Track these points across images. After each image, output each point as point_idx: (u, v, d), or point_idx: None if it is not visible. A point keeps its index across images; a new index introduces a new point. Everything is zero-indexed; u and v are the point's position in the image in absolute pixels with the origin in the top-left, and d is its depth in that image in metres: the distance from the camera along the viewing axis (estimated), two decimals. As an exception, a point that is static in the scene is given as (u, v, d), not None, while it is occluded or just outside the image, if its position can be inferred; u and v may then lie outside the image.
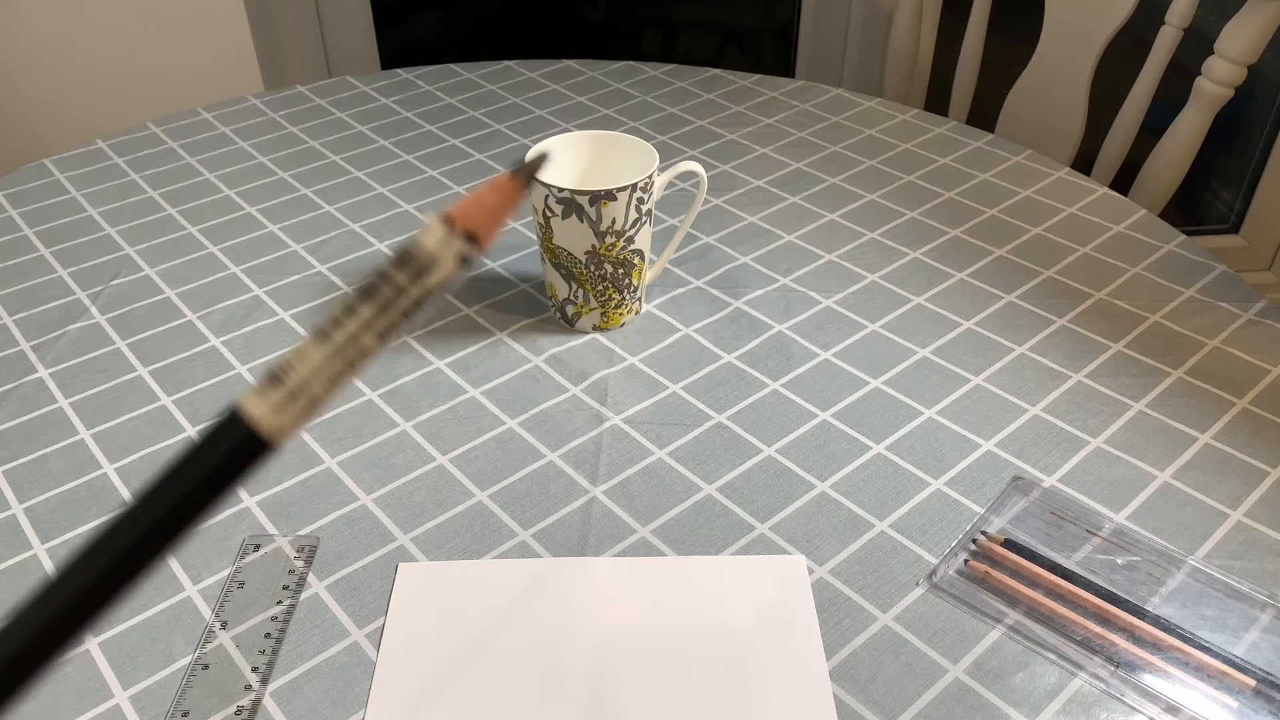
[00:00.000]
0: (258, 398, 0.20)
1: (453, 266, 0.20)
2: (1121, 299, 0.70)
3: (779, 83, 1.01)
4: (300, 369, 0.20)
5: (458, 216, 0.20)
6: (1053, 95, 1.09)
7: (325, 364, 0.20)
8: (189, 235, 0.78)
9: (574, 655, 0.47)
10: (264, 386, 0.20)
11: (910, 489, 0.55)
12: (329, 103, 0.98)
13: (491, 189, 0.21)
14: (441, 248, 0.20)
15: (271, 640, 0.48)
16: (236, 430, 0.20)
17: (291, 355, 0.20)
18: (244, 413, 0.20)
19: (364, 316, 0.20)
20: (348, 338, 0.20)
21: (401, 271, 0.20)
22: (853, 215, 0.80)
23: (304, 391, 0.20)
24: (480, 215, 0.20)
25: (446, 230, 0.20)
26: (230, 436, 0.20)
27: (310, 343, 0.20)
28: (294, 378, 0.20)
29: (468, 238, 0.20)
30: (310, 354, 0.20)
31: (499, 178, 0.21)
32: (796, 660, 0.46)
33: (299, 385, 0.20)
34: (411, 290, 0.20)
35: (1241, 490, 0.55)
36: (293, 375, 0.20)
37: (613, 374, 0.64)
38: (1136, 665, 0.46)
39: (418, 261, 0.20)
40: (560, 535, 0.53)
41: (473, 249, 0.20)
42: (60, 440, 0.59)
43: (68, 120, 1.44)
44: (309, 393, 0.20)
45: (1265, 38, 0.91)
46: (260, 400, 0.20)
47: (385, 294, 0.20)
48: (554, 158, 0.67)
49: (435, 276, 0.20)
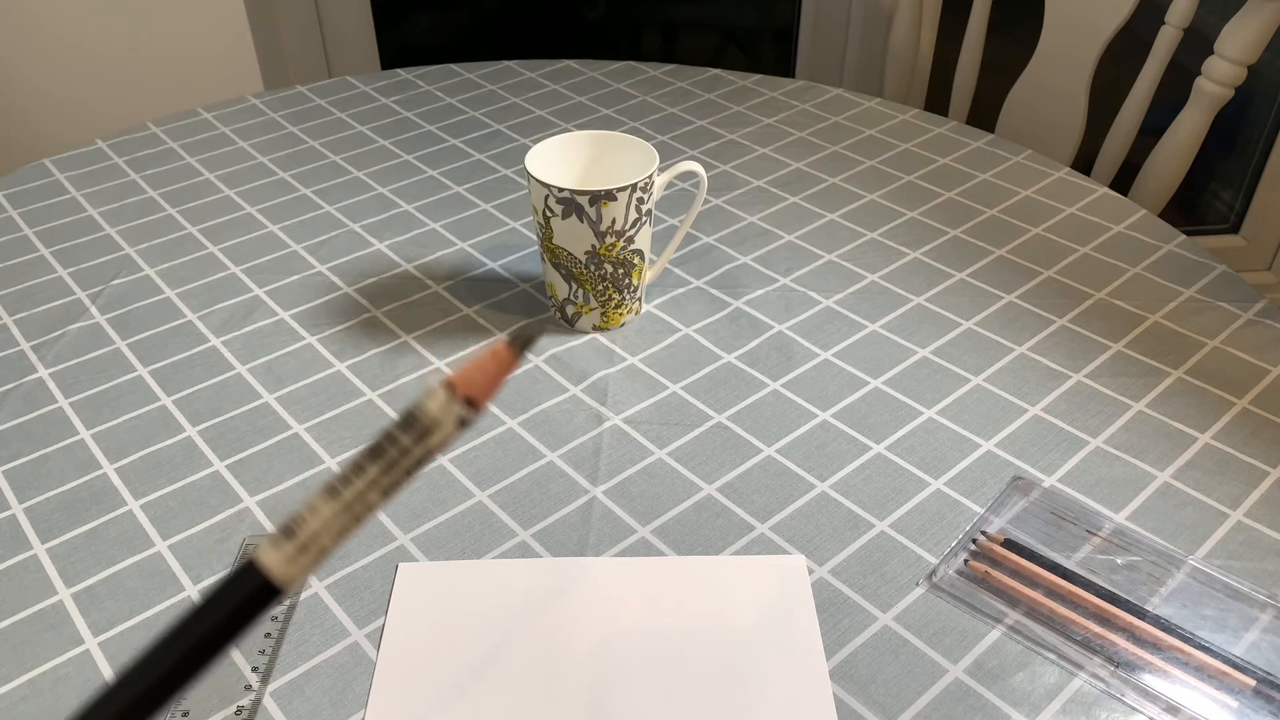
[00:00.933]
0: (272, 549, 0.22)
1: (452, 429, 0.22)
2: (1121, 299, 0.70)
3: (779, 83, 1.01)
4: (311, 523, 0.22)
5: (459, 384, 0.22)
6: (1053, 95, 1.09)
7: (334, 519, 0.22)
8: (189, 235, 0.78)
9: (574, 655, 0.47)
10: (277, 539, 0.22)
11: (910, 489, 0.55)
12: (329, 103, 0.98)
13: (490, 358, 0.23)
14: (443, 412, 0.22)
15: (271, 640, 0.48)
16: (253, 579, 0.22)
17: (303, 509, 0.23)
18: (259, 563, 0.22)
19: (371, 475, 0.22)
20: (355, 495, 0.22)
21: (406, 434, 0.22)
22: (853, 215, 0.80)
23: (314, 544, 0.22)
24: (479, 382, 0.22)
25: (448, 396, 0.22)
26: (247, 585, 0.22)
27: (320, 498, 0.22)
28: (305, 531, 0.22)
29: (466, 402, 0.22)
30: (321, 509, 0.22)
31: (497, 347, 0.23)
32: (796, 660, 0.46)
33: (310, 538, 0.22)
34: (415, 451, 0.22)
35: (1241, 490, 0.55)
36: (304, 529, 0.22)
37: (613, 374, 0.64)
38: (1136, 665, 0.46)
39: (421, 425, 0.22)
40: (560, 535, 0.53)
41: (471, 413, 0.22)
42: (60, 440, 0.59)
43: (68, 120, 1.44)
44: (319, 545, 0.22)
45: (1265, 38, 0.91)
46: (274, 551, 0.22)
47: (391, 454, 0.22)
48: (555, 160, 0.67)
49: (436, 438, 0.22)
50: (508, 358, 0.23)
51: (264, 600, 0.22)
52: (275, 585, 0.22)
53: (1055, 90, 1.09)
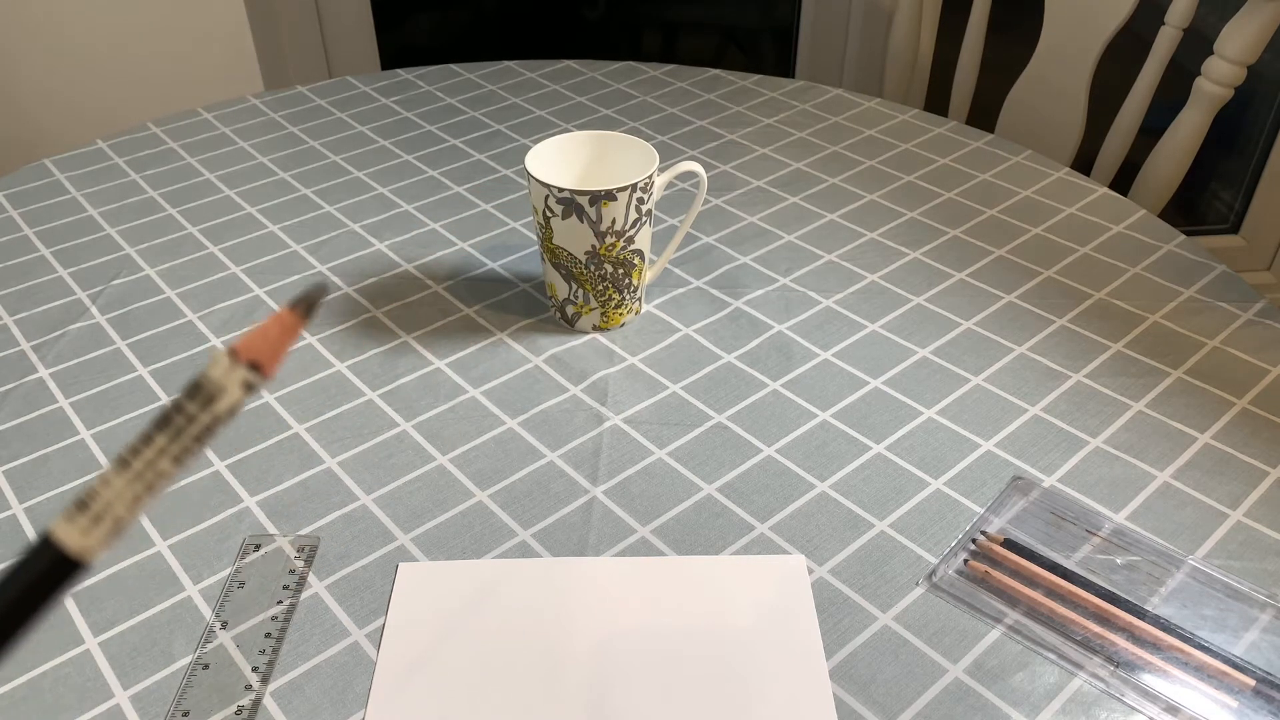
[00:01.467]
0: (66, 523, 0.23)
1: (239, 394, 0.23)
2: (1121, 299, 0.70)
3: (779, 83, 1.01)
4: (104, 495, 0.23)
5: (241, 349, 0.23)
6: (1053, 95, 1.09)
7: (126, 488, 0.23)
8: (189, 235, 0.78)
9: (574, 655, 0.47)
10: (71, 512, 0.23)
11: (910, 489, 0.55)
12: (329, 103, 0.98)
13: (273, 322, 0.23)
14: (227, 377, 0.23)
15: (272, 640, 0.48)
16: (48, 553, 0.22)
17: (96, 483, 0.23)
18: (54, 537, 0.23)
19: (159, 444, 0.23)
20: (145, 464, 0.23)
21: (192, 401, 0.23)
22: (853, 215, 0.80)
23: (108, 513, 0.23)
24: (263, 346, 0.23)
25: (231, 361, 0.23)
26: (42, 559, 0.22)
27: (112, 470, 0.23)
28: (98, 503, 0.23)
29: (251, 367, 0.23)
30: (113, 480, 0.23)
31: (281, 311, 0.23)
32: (796, 660, 0.46)
33: (103, 509, 0.23)
34: (201, 417, 0.23)
35: (1241, 490, 0.55)
36: (97, 501, 0.23)
37: (613, 374, 0.64)
38: (1136, 665, 0.46)
39: (206, 391, 0.23)
40: (560, 535, 0.53)
41: (257, 377, 0.23)
42: (60, 440, 0.59)
43: (68, 120, 1.44)
44: (113, 515, 0.23)
45: (1265, 38, 0.91)
46: (69, 525, 0.23)
47: (178, 422, 0.23)
48: (555, 160, 0.67)
49: (223, 403, 0.23)
50: (291, 321, 0.23)
51: (61, 575, 0.22)
52: (71, 558, 0.22)
53: (1055, 90, 1.09)
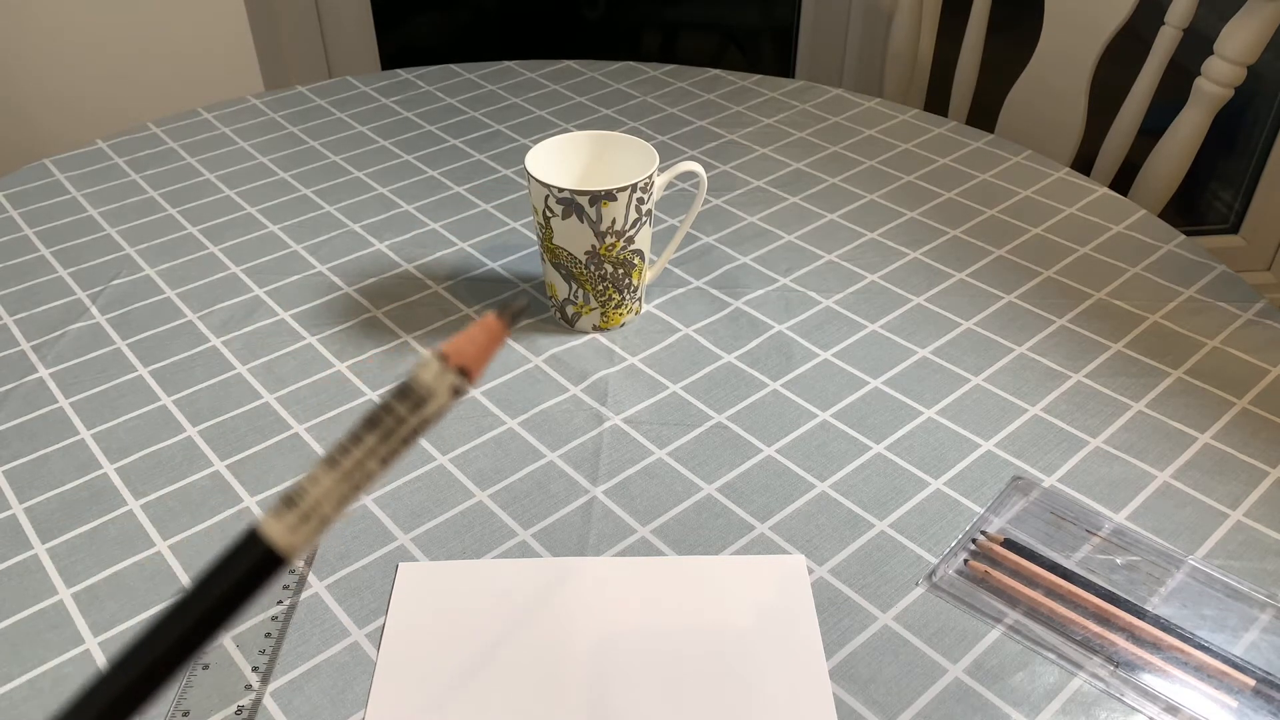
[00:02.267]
0: (274, 519, 0.23)
1: (447, 398, 0.23)
2: (1121, 299, 0.70)
3: (779, 83, 1.01)
4: (312, 493, 0.23)
5: (451, 354, 0.23)
6: (1053, 95, 1.09)
7: (334, 488, 0.23)
8: (189, 235, 0.78)
9: (574, 655, 0.47)
10: (279, 509, 0.23)
11: (910, 489, 0.55)
12: (329, 103, 0.98)
13: (481, 329, 0.23)
14: (437, 381, 0.23)
15: (271, 640, 0.48)
16: (256, 549, 0.23)
17: (305, 480, 0.23)
18: (262, 533, 0.23)
19: (369, 445, 0.23)
20: (354, 464, 0.23)
21: (403, 404, 0.23)
22: (853, 215, 0.80)
23: (315, 513, 0.23)
24: (471, 352, 0.23)
25: (441, 366, 0.23)
26: (250, 554, 0.23)
27: (321, 469, 0.23)
28: (306, 501, 0.23)
29: (460, 372, 0.23)
30: (321, 479, 0.23)
31: (487, 318, 0.24)
32: (796, 660, 0.46)
33: (311, 507, 0.23)
34: (410, 420, 0.23)
35: (1241, 490, 0.55)
36: (305, 499, 0.23)
37: (613, 374, 0.64)
38: (1136, 665, 0.46)
39: (416, 394, 0.23)
40: (560, 535, 0.53)
41: (464, 382, 0.23)
42: (60, 440, 0.59)
43: (68, 120, 1.44)
44: (320, 514, 0.23)
45: (1265, 38, 0.91)
46: (276, 522, 0.23)
47: (388, 424, 0.23)
48: (555, 160, 0.67)
49: (432, 407, 0.23)
50: (497, 328, 0.23)
51: (267, 570, 0.23)
52: (278, 554, 0.23)
53: (1055, 90, 1.09)
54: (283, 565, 0.23)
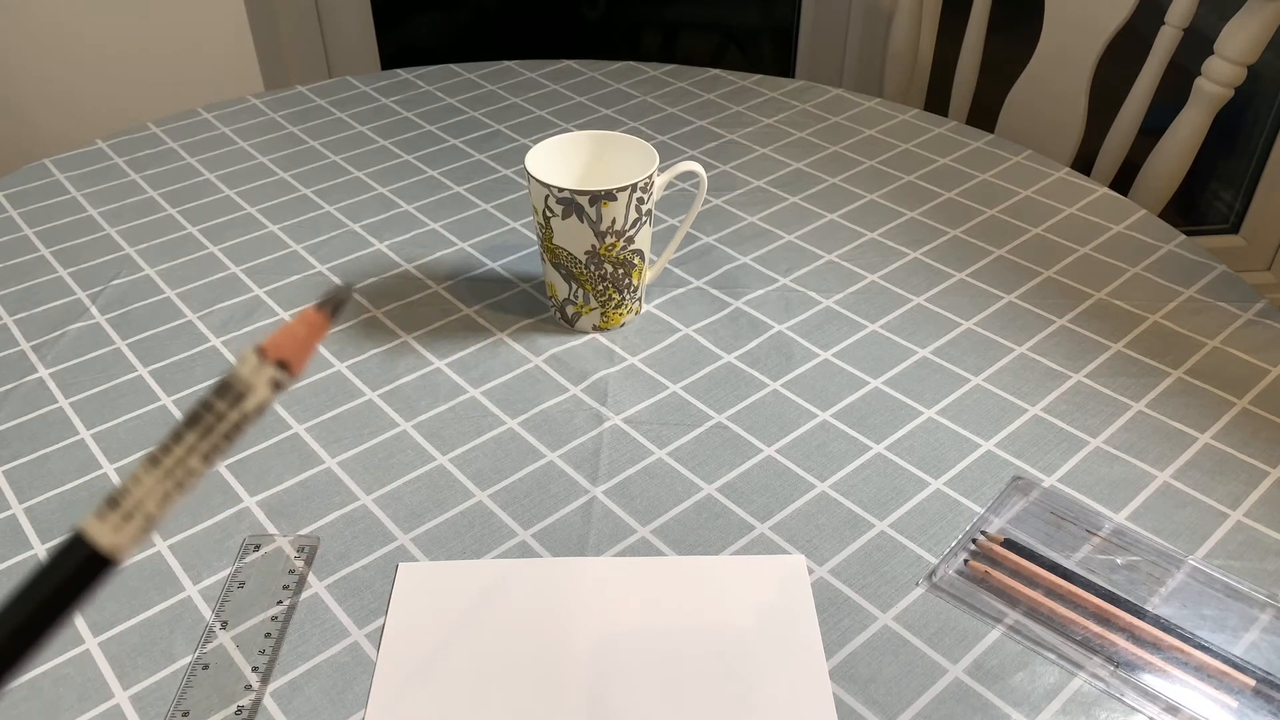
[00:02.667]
0: (98, 520, 0.23)
1: (267, 392, 0.23)
2: (1121, 299, 0.70)
3: (779, 83, 1.01)
4: (135, 492, 0.23)
5: (269, 347, 0.23)
6: (1053, 95, 1.09)
7: (156, 486, 0.23)
8: (189, 235, 0.78)
9: (574, 655, 0.47)
10: (103, 510, 0.23)
11: (910, 489, 0.55)
12: (329, 103, 0.98)
13: (300, 321, 0.23)
14: (255, 375, 0.23)
15: (271, 640, 0.48)
16: (79, 551, 0.23)
17: (127, 480, 0.23)
18: (85, 535, 0.23)
19: (190, 442, 0.23)
20: (175, 461, 0.23)
21: (222, 400, 0.23)
22: (853, 215, 0.80)
23: (139, 511, 0.23)
24: (290, 345, 0.23)
25: (259, 360, 0.23)
26: (74, 557, 0.23)
27: (142, 468, 0.23)
28: (129, 500, 0.23)
29: (279, 365, 0.23)
30: (143, 478, 0.23)
31: (306, 311, 0.24)
32: (796, 660, 0.46)
33: (134, 506, 0.23)
34: (231, 415, 0.23)
35: (1241, 490, 0.55)
36: (128, 498, 0.23)
37: (613, 374, 0.64)
38: (1136, 665, 0.46)
39: (235, 389, 0.23)
40: (560, 535, 0.53)
41: (285, 375, 0.23)
42: (60, 440, 0.59)
43: (68, 120, 1.44)
44: (144, 512, 0.23)
45: (1265, 38, 0.91)
46: (100, 522, 0.23)
47: (207, 420, 0.23)
48: (555, 160, 0.67)
49: (251, 401, 0.23)
50: (317, 320, 0.23)
51: (93, 572, 0.23)
52: (103, 555, 0.23)
53: (1055, 90, 1.09)
54: (109, 566, 0.23)
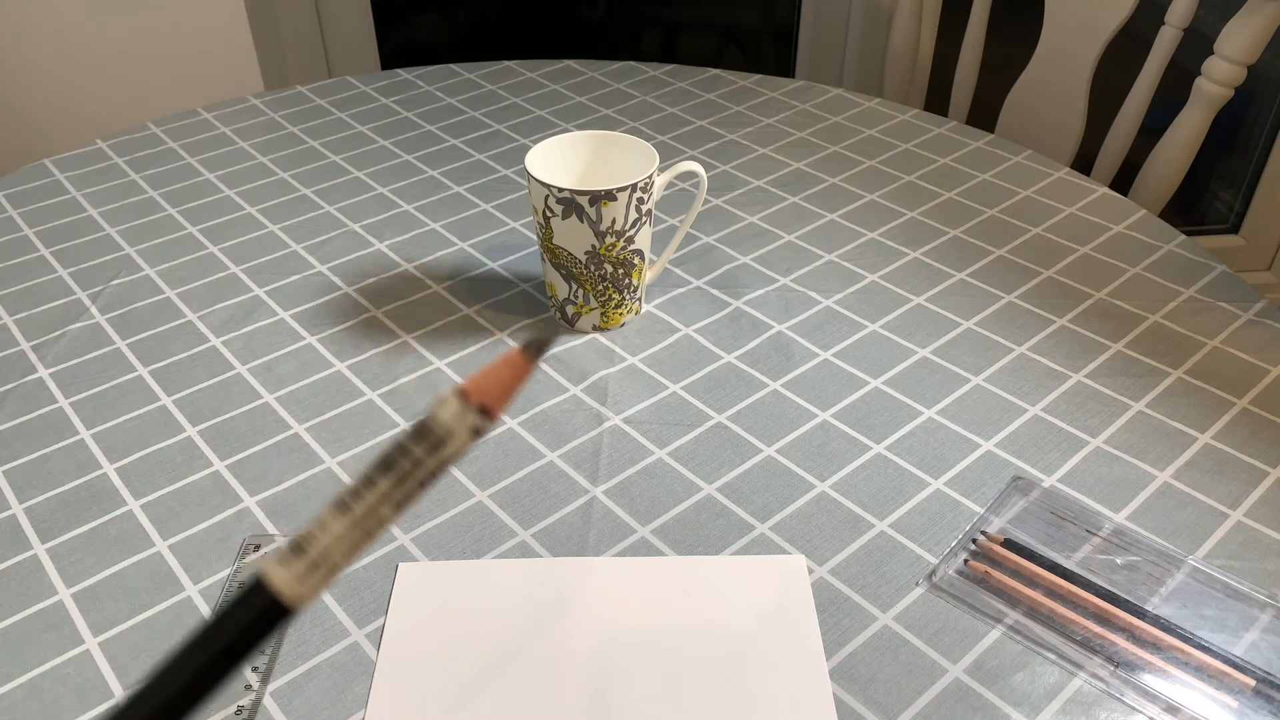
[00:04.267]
0: (281, 567, 0.21)
1: (466, 439, 0.21)
2: (1121, 299, 0.70)
3: (779, 83, 1.01)
4: (322, 540, 0.21)
5: (472, 391, 0.21)
6: (1053, 95, 1.09)
7: (345, 535, 0.21)
8: (189, 235, 0.78)
9: (574, 655, 0.47)
10: (287, 557, 0.21)
11: (910, 489, 0.55)
12: (329, 103, 0.98)
13: (504, 364, 0.22)
14: (457, 421, 0.21)
15: (271, 640, 0.48)
16: (261, 599, 0.21)
17: (314, 526, 0.22)
18: (268, 583, 0.21)
19: (383, 489, 0.21)
20: (367, 509, 0.22)
21: (419, 445, 0.21)
22: (853, 215, 0.80)
23: (325, 561, 0.21)
24: (493, 390, 0.22)
25: (461, 405, 0.21)
26: (256, 604, 0.22)
27: (331, 514, 0.22)
28: (315, 548, 0.21)
29: (481, 411, 0.21)
30: (331, 525, 0.21)
31: (511, 354, 0.22)
32: (796, 660, 0.46)
33: (320, 556, 0.21)
34: (428, 463, 0.21)
35: (1241, 490, 0.55)
36: (314, 546, 0.21)
37: (613, 374, 0.64)
38: (1136, 665, 0.46)
39: (434, 435, 0.21)
40: (560, 535, 0.53)
41: (485, 421, 0.21)
42: (60, 440, 0.59)
43: (68, 120, 1.44)
44: (329, 562, 0.21)
45: (1265, 38, 0.91)
46: (283, 570, 0.21)
47: (403, 466, 0.21)
48: (555, 160, 0.67)
49: (450, 449, 0.21)
50: (522, 364, 0.22)
51: (273, 621, 0.22)
52: (285, 605, 0.21)
53: (1055, 90, 1.09)
54: (289, 616, 0.22)
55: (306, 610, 0.22)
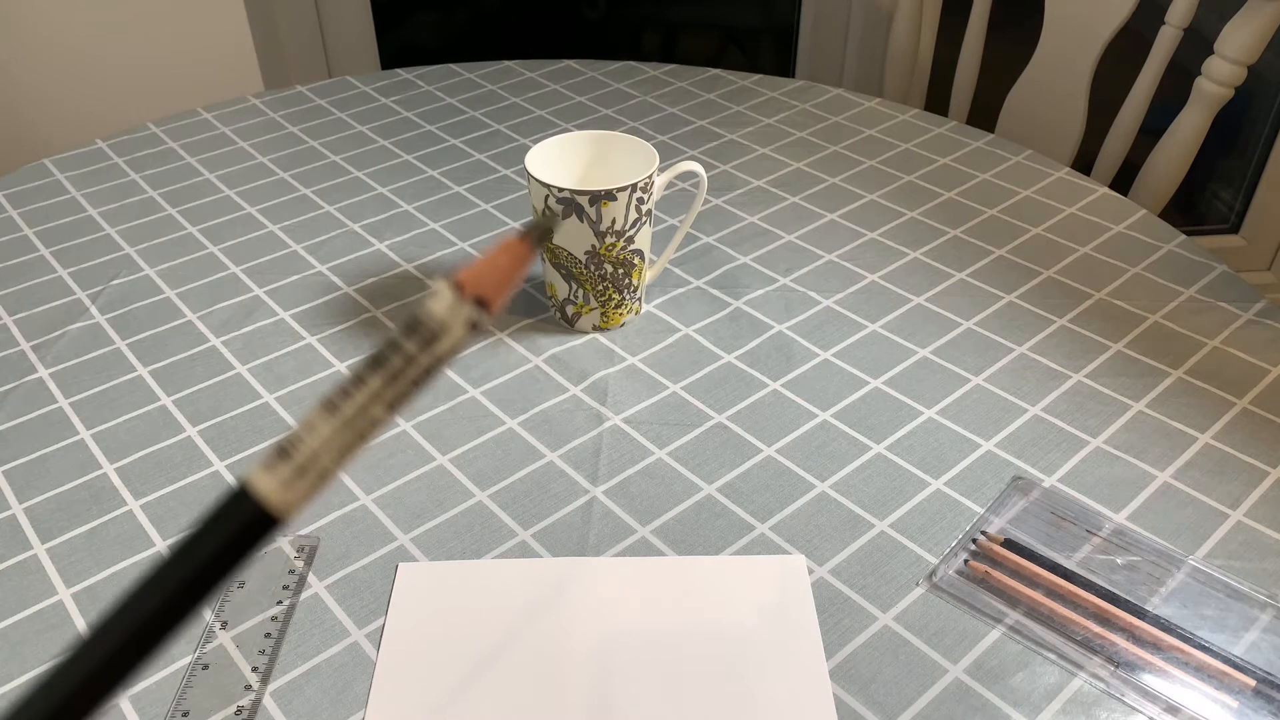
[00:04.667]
0: (266, 472, 0.20)
1: (462, 333, 0.20)
2: (1121, 299, 0.70)
3: (779, 83, 1.01)
4: (309, 442, 0.20)
5: (467, 281, 0.20)
6: (1053, 95, 1.09)
7: (334, 436, 0.20)
8: (189, 235, 0.78)
9: (574, 655, 0.47)
10: (271, 461, 0.20)
11: (910, 489, 0.55)
12: (329, 103, 0.98)
13: (502, 251, 0.20)
14: (451, 314, 0.20)
15: (271, 640, 0.48)
16: (245, 506, 0.20)
17: (300, 428, 0.20)
18: (252, 489, 0.20)
19: (373, 387, 0.20)
20: (357, 409, 0.20)
21: (411, 340, 0.20)
22: (853, 215, 0.80)
23: (313, 465, 0.20)
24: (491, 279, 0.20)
25: (456, 296, 0.20)
26: (240, 513, 0.20)
27: (318, 414, 0.20)
28: (303, 451, 0.20)
29: (477, 302, 0.20)
30: (319, 426, 0.20)
31: (509, 239, 0.20)
32: (796, 660, 0.46)
33: (308, 459, 0.20)
34: (421, 359, 0.20)
35: (1241, 490, 0.55)
36: (301, 449, 0.20)
37: (613, 374, 0.64)
38: (1136, 665, 0.46)
39: (427, 329, 0.20)
40: (560, 535, 0.53)
41: (483, 314, 0.20)
42: (60, 440, 0.59)
43: (68, 120, 1.44)
44: (318, 466, 0.20)
45: (1265, 38, 0.91)
46: (268, 475, 0.20)
47: (395, 363, 0.20)
48: (555, 160, 0.67)
49: (445, 344, 0.20)
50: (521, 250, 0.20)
51: (259, 531, 0.20)
52: (271, 514, 0.20)
53: (1055, 90, 1.09)
54: (276, 526, 0.20)
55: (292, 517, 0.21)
